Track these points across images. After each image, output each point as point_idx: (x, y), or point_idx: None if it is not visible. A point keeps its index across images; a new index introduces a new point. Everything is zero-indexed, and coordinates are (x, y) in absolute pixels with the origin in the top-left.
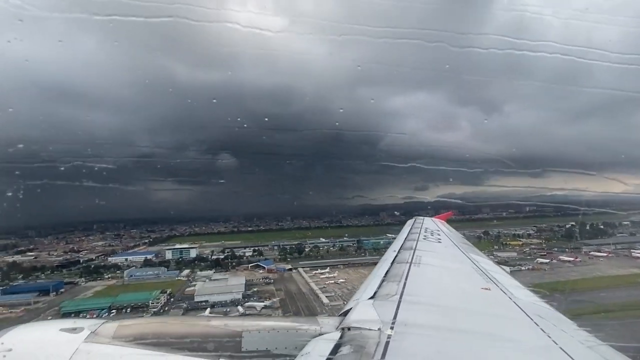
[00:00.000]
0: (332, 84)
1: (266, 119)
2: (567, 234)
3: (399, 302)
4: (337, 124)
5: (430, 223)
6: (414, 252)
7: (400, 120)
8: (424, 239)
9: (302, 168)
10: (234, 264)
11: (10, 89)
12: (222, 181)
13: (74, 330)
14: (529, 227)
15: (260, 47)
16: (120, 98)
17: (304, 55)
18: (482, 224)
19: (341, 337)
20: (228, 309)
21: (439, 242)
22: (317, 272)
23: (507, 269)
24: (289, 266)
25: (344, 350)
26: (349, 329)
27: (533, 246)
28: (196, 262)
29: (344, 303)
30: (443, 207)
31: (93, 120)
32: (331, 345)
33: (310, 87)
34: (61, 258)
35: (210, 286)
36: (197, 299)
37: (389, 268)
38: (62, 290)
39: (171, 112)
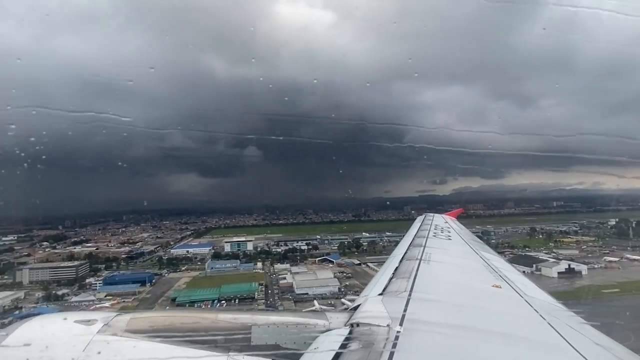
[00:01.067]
0: (367, 79)
1: (297, 113)
2: (619, 231)
3: (408, 298)
4: (353, 119)
5: (440, 220)
6: (423, 249)
7: (430, 114)
8: (434, 235)
9: (325, 162)
10: (299, 257)
11: (54, 84)
12: (248, 174)
13: (88, 322)
14: (566, 224)
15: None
16: (158, 93)
17: (344, 49)
18: (514, 219)
19: (350, 333)
20: (332, 302)
21: (449, 239)
22: None
23: (584, 267)
24: (357, 261)
25: (353, 345)
26: (357, 324)
27: (590, 244)
28: (260, 254)
29: None
30: (464, 201)
31: (130, 114)
32: (340, 341)
33: (343, 81)
34: (122, 249)
35: (303, 279)
36: (297, 291)
37: (398, 265)
38: (154, 280)
39: (207, 106)
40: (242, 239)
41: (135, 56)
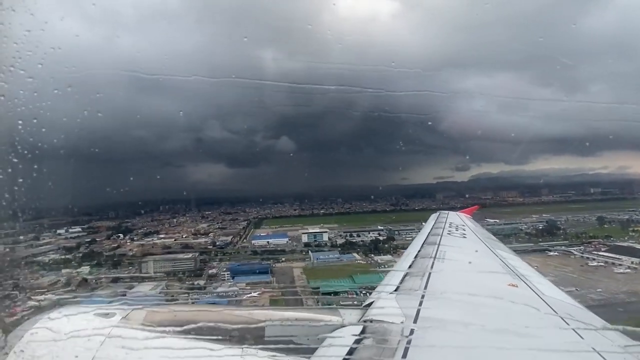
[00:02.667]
0: (420, 68)
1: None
2: None
3: (423, 296)
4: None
5: (455, 218)
6: (437, 247)
7: (469, 101)
8: (449, 233)
9: (354, 150)
10: (389, 248)
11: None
12: (281, 164)
13: (106, 315)
14: (623, 211)
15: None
16: (213, 87)
17: (402, 40)
18: (556, 208)
19: (363, 330)
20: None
21: (464, 237)
22: None
23: None
24: None
25: (367, 342)
26: (371, 321)
27: None
28: (344, 245)
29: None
30: (483, 188)
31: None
32: (353, 337)
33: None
34: (199, 240)
35: None
36: None
37: (412, 262)
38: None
39: (243, 98)
40: (317, 230)
41: (195, 51)
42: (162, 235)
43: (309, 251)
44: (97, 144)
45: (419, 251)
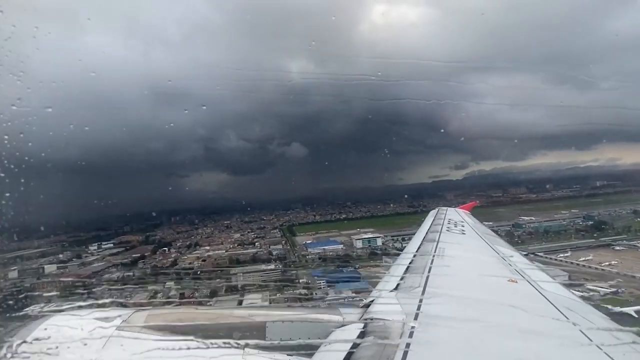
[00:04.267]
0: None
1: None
2: None
3: (423, 293)
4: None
5: (454, 214)
6: (437, 244)
7: (478, 100)
8: (448, 230)
9: (365, 153)
10: None
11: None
12: (298, 170)
13: (107, 319)
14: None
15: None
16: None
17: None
18: (574, 203)
19: (364, 328)
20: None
21: (463, 233)
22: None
23: None
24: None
25: (368, 340)
26: (371, 319)
27: None
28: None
29: None
30: (476, 185)
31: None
32: (354, 336)
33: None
34: (248, 251)
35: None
36: None
37: (411, 260)
38: None
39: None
40: (370, 234)
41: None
42: (206, 247)
43: (382, 257)
44: (109, 157)
45: (418, 248)
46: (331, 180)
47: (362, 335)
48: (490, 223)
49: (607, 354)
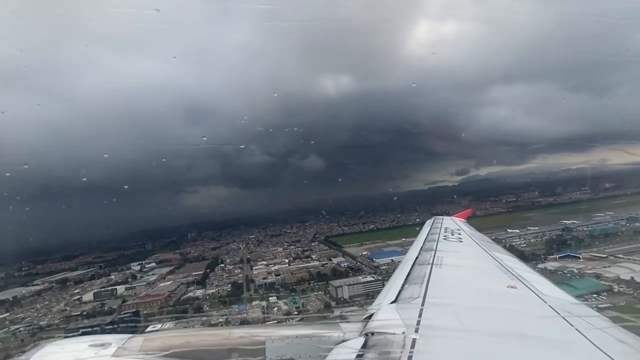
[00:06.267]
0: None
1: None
2: None
3: (423, 304)
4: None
5: (450, 222)
6: (434, 253)
7: (494, 109)
8: (445, 239)
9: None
10: (532, 259)
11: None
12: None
13: (102, 345)
14: None
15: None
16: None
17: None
18: (594, 205)
19: (365, 343)
20: None
21: (460, 241)
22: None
23: None
24: (601, 254)
25: (369, 356)
26: (372, 334)
27: None
28: None
29: None
30: (474, 190)
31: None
32: (355, 351)
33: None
34: (307, 265)
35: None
36: None
37: (410, 271)
38: None
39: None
40: None
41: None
42: (263, 262)
43: None
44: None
45: (416, 258)
46: (343, 190)
47: (363, 349)
48: (536, 228)
49: (609, 356)
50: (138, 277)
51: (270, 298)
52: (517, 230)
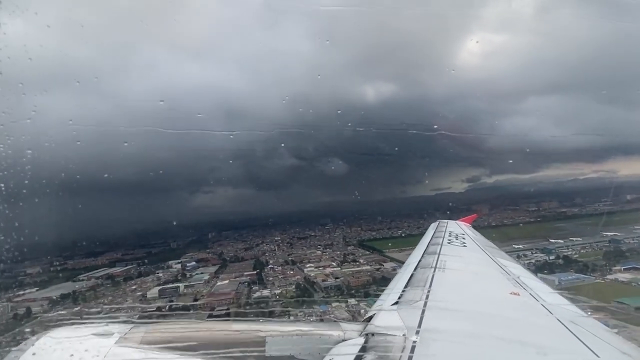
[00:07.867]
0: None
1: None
2: None
3: (424, 307)
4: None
5: (455, 226)
6: (438, 257)
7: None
8: (449, 243)
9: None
10: (585, 266)
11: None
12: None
13: (104, 334)
14: None
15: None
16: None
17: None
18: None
19: (365, 343)
20: None
21: (464, 246)
22: None
23: None
24: None
25: (369, 356)
26: (372, 335)
27: None
28: (556, 265)
29: None
30: (480, 198)
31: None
32: (355, 351)
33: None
34: (351, 269)
35: None
36: None
37: (412, 273)
38: None
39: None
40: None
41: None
42: (311, 265)
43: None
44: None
45: (419, 261)
46: (358, 194)
47: (363, 350)
48: (580, 239)
49: None
50: (187, 275)
51: (349, 300)
52: (561, 241)
